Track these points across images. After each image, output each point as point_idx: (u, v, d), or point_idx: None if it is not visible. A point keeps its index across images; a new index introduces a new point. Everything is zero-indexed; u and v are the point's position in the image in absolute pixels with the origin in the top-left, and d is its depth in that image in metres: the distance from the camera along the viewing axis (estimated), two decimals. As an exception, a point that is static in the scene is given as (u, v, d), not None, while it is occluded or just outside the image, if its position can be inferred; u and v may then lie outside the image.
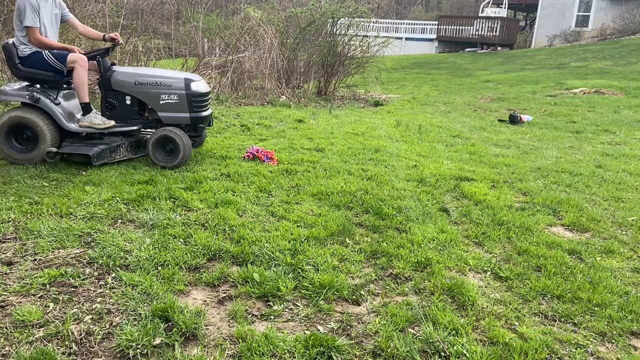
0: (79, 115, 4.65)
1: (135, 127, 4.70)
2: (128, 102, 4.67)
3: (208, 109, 4.86)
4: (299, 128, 6.98)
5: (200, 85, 4.71)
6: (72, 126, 4.49)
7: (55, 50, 4.46)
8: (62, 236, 3.03)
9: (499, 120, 8.82)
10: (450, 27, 28.07)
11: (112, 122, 4.58)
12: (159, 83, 4.57)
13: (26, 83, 4.56)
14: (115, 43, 4.79)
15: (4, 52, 4.50)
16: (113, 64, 4.77)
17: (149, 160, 4.63)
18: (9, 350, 2.05)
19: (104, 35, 4.80)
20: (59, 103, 4.46)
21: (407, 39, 28.79)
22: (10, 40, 4.50)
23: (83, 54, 4.56)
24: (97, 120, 4.53)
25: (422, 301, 2.65)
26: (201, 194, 3.92)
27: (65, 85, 4.61)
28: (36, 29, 4.38)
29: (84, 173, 4.28)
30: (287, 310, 2.51)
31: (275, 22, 10.88)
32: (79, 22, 4.92)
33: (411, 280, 2.86)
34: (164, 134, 4.52)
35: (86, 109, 4.57)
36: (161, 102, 4.58)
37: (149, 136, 4.69)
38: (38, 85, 4.48)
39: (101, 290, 2.53)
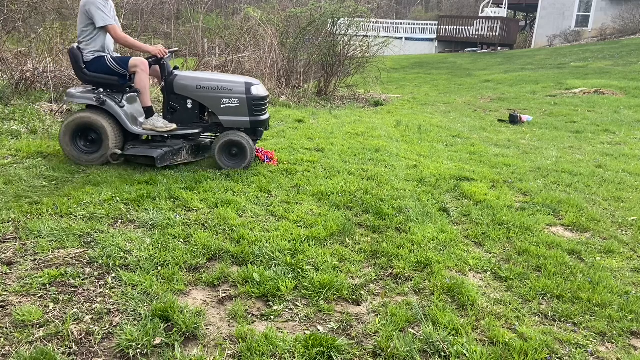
0: (141, 119, 4.74)
1: (196, 131, 4.76)
2: (189, 105, 4.74)
3: (266, 112, 4.91)
4: (299, 128, 6.98)
5: (259, 89, 4.76)
6: (136, 129, 4.58)
7: (118, 56, 4.57)
8: (62, 236, 3.03)
9: (499, 120, 8.82)
10: (450, 27, 28.07)
11: (174, 126, 4.64)
12: (220, 87, 4.63)
13: (91, 87, 4.65)
14: (174, 50, 4.88)
15: (70, 57, 4.58)
16: (176, 68, 4.84)
17: (213, 164, 4.71)
18: (9, 350, 2.05)
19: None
20: (124, 106, 4.55)
21: (407, 39, 28.79)
22: (75, 45, 4.57)
23: (146, 58, 4.63)
24: (159, 123, 4.60)
25: (422, 301, 2.64)
26: (201, 194, 3.91)
27: (128, 89, 4.69)
28: (115, 26, 4.48)
29: (83, 173, 4.28)
30: (287, 310, 2.51)
31: (275, 22, 10.88)
32: (121, 29, 4.96)
33: (411, 280, 2.86)
34: (231, 138, 4.60)
35: (149, 112, 4.65)
36: (222, 105, 4.64)
37: (207, 140, 4.81)
38: (101, 89, 4.57)
39: (101, 290, 2.53)
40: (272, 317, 2.44)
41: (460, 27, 27.69)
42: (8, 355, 2.03)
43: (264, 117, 4.79)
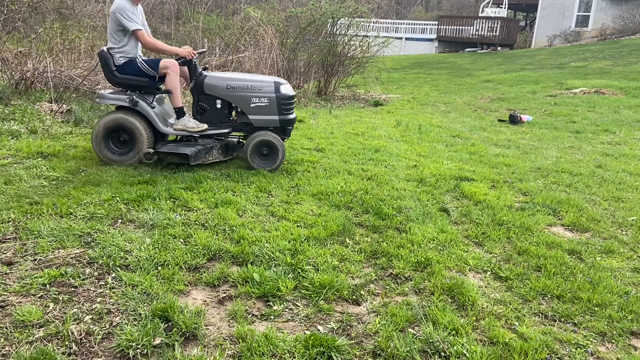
0: (171, 120, 4.79)
1: (226, 131, 4.81)
2: (218, 105, 4.79)
3: (294, 111, 4.95)
4: (299, 128, 6.98)
5: (288, 88, 4.82)
6: (167, 129, 4.64)
7: (148, 58, 4.63)
8: (62, 236, 3.03)
9: (499, 120, 8.82)
10: (450, 27, 28.07)
11: (205, 126, 4.69)
12: (250, 87, 4.68)
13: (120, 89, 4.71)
14: (202, 52, 4.94)
15: (100, 59, 4.64)
16: (205, 68, 4.88)
17: (244, 164, 4.76)
18: (9, 350, 2.05)
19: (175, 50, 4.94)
20: (154, 107, 4.60)
21: (407, 39, 28.79)
22: (105, 48, 4.62)
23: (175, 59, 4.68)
24: (190, 123, 4.65)
25: (422, 301, 2.64)
26: (201, 194, 3.91)
27: (157, 91, 4.75)
28: (143, 31, 4.55)
29: (83, 173, 4.28)
30: (287, 310, 2.51)
31: (275, 22, 10.88)
32: (151, 34, 5.00)
33: (411, 280, 2.86)
34: (263, 138, 4.65)
35: (180, 112, 4.69)
36: (252, 105, 4.69)
37: (234, 139, 4.88)
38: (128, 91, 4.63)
39: (101, 290, 2.53)
40: (272, 317, 2.44)
41: (460, 27, 27.68)
42: (8, 355, 2.03)
43: (292, 116, 4.86)
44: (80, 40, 7.98)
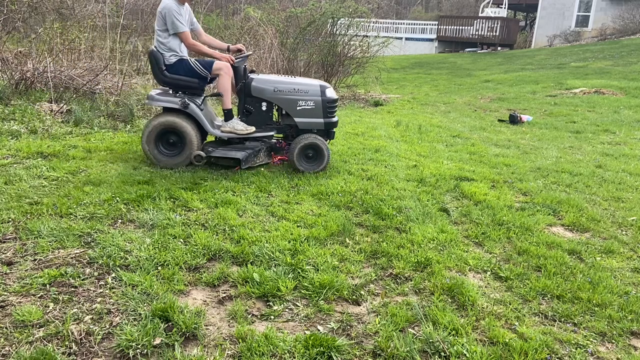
0: (217, 121, 4.84)
1: (271, 133, 4.87)
2: (264, 108, 4.84)
3: (336, 114, 5.01)
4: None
5: (332, 91, 4.89)
6: (215, 131, 4.68)
7: (200, 58, 4.66)
8: (62, 236, 3.03)
9: (499, 120, 8.82)
10: (450, 27, 28.07)
11: (254, 128, 4.74)
12: (297, 90, 4.75)
13: (166, 89, 4.75)
14: (242, 53, 4.93)
15: (150, 59, 4.65)
16: (252, 71, 4.91)
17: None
18: (9, 350, 2.05)
19: (229, 46, 4.99)
20: (203, 109, 4.64)
21: (407, 39, 28.79)
22: (154, 47, 4.65)
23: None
24: (239, 126, 4.69)
25: (422, 301, 2.64)
26: (201, 194, 3.91)
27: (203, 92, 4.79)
28: (188, 33, 4.58)
29: (83, 173, 4.28)
30: (287, 310, 2.51)
31: (275, 22, 10.88)
32: (203, 31, 5.06)
33: (411, 280, 2.86)
34: (310, 141, 4.71)
35: (228, 115, 4.73)
36: (298, 108, 4.76)
37: (274, 141, 4.95)
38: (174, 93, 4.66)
39: (101, 290, 2.53)
40: (272, 317, 2.44)
41: (460, 27, 27.69)
42: (8, 355, 2.02)
43: (335, 119, 4.93)
44: (80, 40, 7.98)
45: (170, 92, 4.71)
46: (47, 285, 2.53)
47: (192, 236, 3.17)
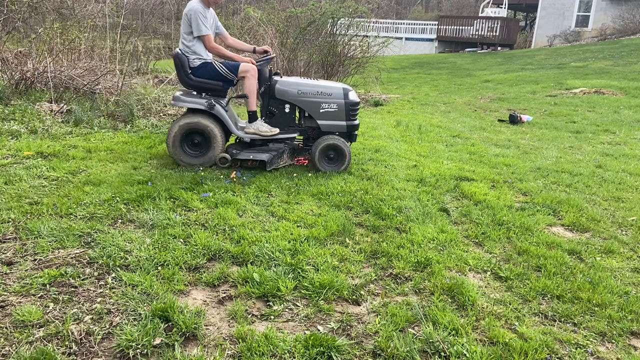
0: (241, 123, 4.89)
1: (294, 135, 4.92)
2: (287, 110, 4.88)
3: (357, 117, 5.05)
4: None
5: (354, 94, 4.95)
6: (239, 132, 4.73)
7: (225, 61, 4.71)
8: (62, 236, 3.03)
9: (499, 120, 8.82)
10: (450, 27, 28.07)
11: (277, 130, 4.79)
12: (321, 92, 4.80)
13: (189, 90, 4.81)
14: (267, 55, 4.97)
15: (175, 61, 4.69)
16: (277, 73, 4.96)
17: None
18: (9, 350, 2.05)
19: (254, 48, 5.04)
20: (228, 110, 4.69)
21: (407, 39, 28.79)
22: (179, 50, 4.69)
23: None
24: (264, 128, 4.73)
25: (422, 301, 2.64)
26: (201, 194, 3.91)
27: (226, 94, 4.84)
28: (210, 36, 4.62)
29: (83, 173, 4.28)
30: (287, 310, 2.51)
31: (275, 22, 10.88)
32: (228, 34, 5.12)
33: (411, 280, 2.86)
34: (332, 142, 4.76)
35: (253, 116, 4.78)
36: (321, 110, 4.81)
37: (296, 143, 4.99)
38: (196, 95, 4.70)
39: (101, 290, 2.53)
40: (272, 317, 2.44)
41: (460, 27, 27.69)
42: (8, 355, 2.02)
43: (357, 122, 4.98)
44: (80, 40, 7.98)
45: (194, 93, 4.77)
46: (47, 285, 2.53)
47: (192, 236, 3.17)
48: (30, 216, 3.30)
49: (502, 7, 28.77)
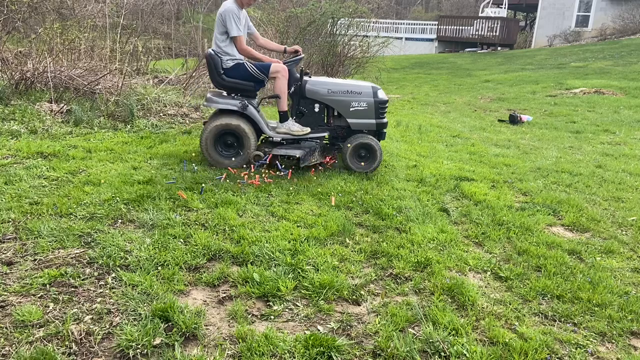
0: (272, 123, 4.94)
1: (324, 134, 4.95)
2: (316, 109, 4.93)
3: (386, 116, 5.10)
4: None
5: (383, 93, 4.98)
6: (271, 132, 4.77)
7: (257, 62, 4.74)
8: (62, 236, 3.03)
9: (499, 120, 8.82)
10: (450, 27, 28.07)
11: (309, 129, 4.84)
12: (351, 91, 4.84)
13: (219, 91, 4.87)
14: (297, 55, 5.01)
15: (208, 61, 4.72)
16: (306, 73, 4.99)
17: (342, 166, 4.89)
18: (9, 350, 2.05)
19: (285, 48, 5.08)
20: (259, 111, 4.74)
21: (407, 39, 28.79)
22: (211, 50, 4.72)
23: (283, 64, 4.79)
24: (295, 127, 4.78)
25: (422, 301, 2.64)
26: (201, 194, 3.91)
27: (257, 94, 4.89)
28: (243, 38, 4.67)
29: (83, 173, 4.28)
30: (287, 310, 2.51)
31: (275, 22, 10.89)
32: (259, 35, 5.16)
33: (411, 280, 2.86)
34: (365, 140, 4.80)
35: (284, 116, 4.82)
36: (351, 109, 4.85)
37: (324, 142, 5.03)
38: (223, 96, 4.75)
39: (101, 290, 2.53)
40: (272, 317, 2.44)
41: (460, 27, 27.69)
42: (8, 355, 2.02)
43: (385, 120, 5.01)
44: (80, 40, 7.98)
45: (224, 94, 4.81)
46: (47, 285, 2.53)
47: (192, 236, 3.17)
48: (30, 216, 3.30)
49: (502, 7, 28.78)
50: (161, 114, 6.93)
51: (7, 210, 3.35)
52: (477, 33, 26.96)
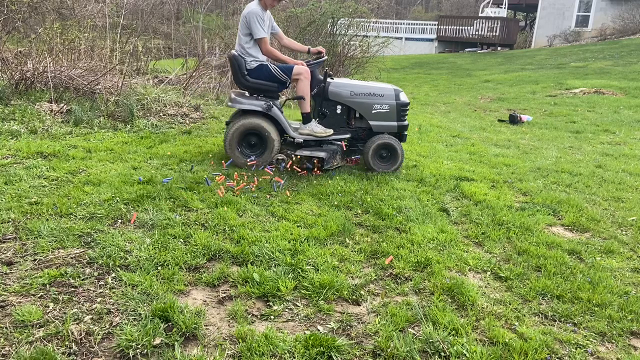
0: (294, 124, 4.96)
1: (347, 135, 4.96)
2: (338, 111, 4.95)
3: (407, 118, 5.13)
4: (299, 128, 6.97)
5: (405, 95, 5.01)
6: (294, 134, 4.78)
7: (280, 63, 4.77)
8: (62, 236, 3.03)
9: (499, 120, 8.82)
10: (450, 27, 28.08)
11: (331, 131, 4.84)
12: (373, 93, 4.86)
13: (242, 92, 4.90)
14: (321, 56, 5.04)
15: (232, 63, 4.74)
16: (330, 75, 5.00)
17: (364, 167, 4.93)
18: (9, 350, 2.05)
19: (309, 49, 5.10)
20: (282, 112, 4.76)
21: (407, 39, 28.80)
22: (235, 51, 4.75)
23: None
24: (318, 129, 4.78)
25: (422, 301, 2.64)
26: (201, 194, 3.91)
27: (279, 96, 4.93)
28: (267, 39, 4.69)
29: (83, 173, 4.28)
30: (287, 310, 2.51)
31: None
32: (284, 35, 5.19)
33: (411, 280, 2.86)
34: (384, 141, 4.84)
35: (307, 118, 4.83)
36: (373, 111, 4.88)
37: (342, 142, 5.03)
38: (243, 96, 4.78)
39: (101, 290, 2.53)
40: (272, 317, 2.44)
41: (460, 27, 27.69)
42: (8, 355, 2.02)
43: (406, 122, 5.04)
44: (80, 40, 7.98)
45: (246, 94, 4.82)
46: (47, 285, 2.53)
47: (192, 236, 3.17)
48: (30, 216, 3.30)
49: (502, 7, 28.78)
50: (161, 114, 6.93)
51: (7, 210, 3.35)
52: (477, 33, 26.96)
